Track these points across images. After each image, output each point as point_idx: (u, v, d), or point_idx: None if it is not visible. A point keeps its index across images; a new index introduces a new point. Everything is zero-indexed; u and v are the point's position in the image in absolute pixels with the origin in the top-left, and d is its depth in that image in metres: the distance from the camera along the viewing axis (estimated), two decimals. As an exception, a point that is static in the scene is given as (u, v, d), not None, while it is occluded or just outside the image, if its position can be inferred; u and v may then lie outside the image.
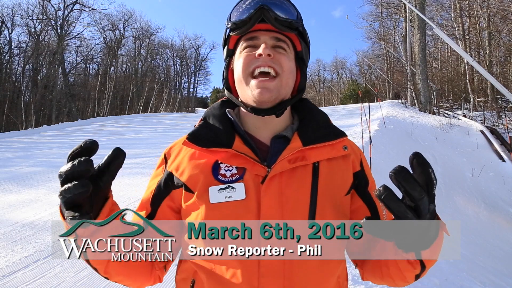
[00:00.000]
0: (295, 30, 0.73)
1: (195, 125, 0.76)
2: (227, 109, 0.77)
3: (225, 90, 0.79)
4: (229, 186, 0.67)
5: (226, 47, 0.77)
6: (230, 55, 0.77)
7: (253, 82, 0.69)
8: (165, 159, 0.77)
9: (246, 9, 0.71)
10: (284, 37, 0.73)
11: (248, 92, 0.70)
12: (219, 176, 0.69)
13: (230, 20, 0.73)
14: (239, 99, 0.75)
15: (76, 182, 0.52)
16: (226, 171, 0.69)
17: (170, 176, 0.74)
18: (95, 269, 0.64)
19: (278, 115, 0.73)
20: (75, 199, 0.54)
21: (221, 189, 0.67)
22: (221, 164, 0.70)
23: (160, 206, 0.74)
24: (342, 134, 0.74)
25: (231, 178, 0.68)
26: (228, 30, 0.74)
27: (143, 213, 0.75)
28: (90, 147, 0.56)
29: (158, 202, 0.74)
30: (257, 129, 0.75)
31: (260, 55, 0.69)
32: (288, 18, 0.71)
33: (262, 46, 0.69)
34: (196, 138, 0.71)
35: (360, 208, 0.75)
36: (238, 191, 0.67)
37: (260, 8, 0.69)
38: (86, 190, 0.53)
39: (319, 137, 0.72)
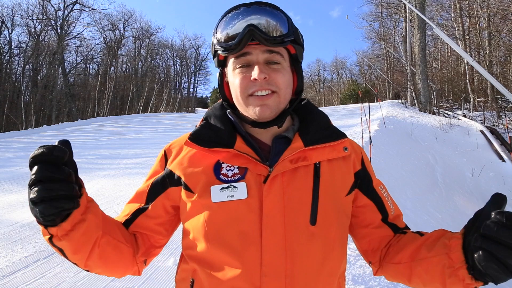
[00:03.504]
0: (288, 43, 0.69)
1: (196, 126, 0.76)
2: (228, 111, 0.77)
3: (223, 102, 0.78)
4: (231, 185, 0.67)
5: (216, 58, 0.74)
6: (222, 65, 0.75)
7: (253, 100, 0.68)
8: (165, 157, 0.77)
9: (233, 27, 0.67)
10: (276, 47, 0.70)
11: (249, 110, 0.70)
12: (221, 176, 0.69)
13: (217, 38, 0.70)
14: (239, 112, 0.75)
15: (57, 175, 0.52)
16: (227, 170, 0.69)
17: (169, 174, 0.74)
18: (75, 264, 0.64)
19: (279, 126, 0.73)
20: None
21: (222, 188, 0.67)
22: (222, 164, 0.70)
23: (155, 200, 0.75)
24: (342, 136, 0.75)
25: (232, 177, 0.68)
26: (215, 46, 0.71)
27: (136, 205, 0.76)
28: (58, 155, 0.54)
29: (153, 196, 0.75)
30: (258, 131, 0.75)
31: (255, 79, 0.66)
32: (280, 34, 0.67)
33: (256, 70, 0.66)
34: (198, 138, 0.71)
35: (367, 206, 0.77)
36: (240, 191, 0.66)
37: (248, 30, 0.65)
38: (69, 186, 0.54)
39: (320, 138, 0.72)
